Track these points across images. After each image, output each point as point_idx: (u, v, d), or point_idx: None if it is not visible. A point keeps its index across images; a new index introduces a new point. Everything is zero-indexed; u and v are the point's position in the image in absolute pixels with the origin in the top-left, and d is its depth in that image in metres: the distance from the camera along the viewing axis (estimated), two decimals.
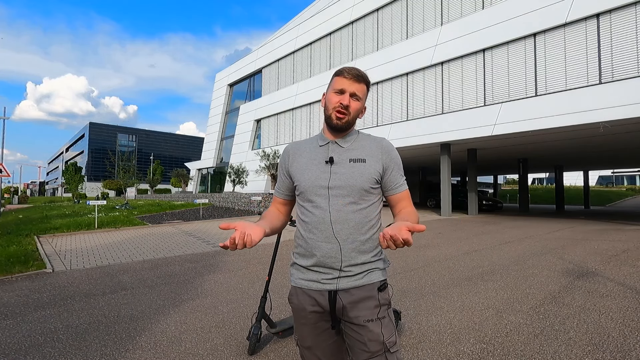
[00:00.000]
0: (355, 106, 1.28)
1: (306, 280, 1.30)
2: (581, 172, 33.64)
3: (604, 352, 2.69)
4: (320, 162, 1.30)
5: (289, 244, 7.89)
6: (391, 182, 1.31)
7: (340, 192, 1.25)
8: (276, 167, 21.43)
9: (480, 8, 14.92)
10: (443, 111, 16.01)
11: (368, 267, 1.26)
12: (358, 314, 1.23)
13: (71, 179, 49.21)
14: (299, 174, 1.33)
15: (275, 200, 1.48)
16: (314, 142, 1.37)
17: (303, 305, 1.30)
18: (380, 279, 1.28)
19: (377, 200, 1.31)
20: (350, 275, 1.25)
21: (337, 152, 1.30)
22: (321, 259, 1.25)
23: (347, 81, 1.27)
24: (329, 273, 1.25)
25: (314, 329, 1.30)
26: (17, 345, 2.93)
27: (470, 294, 4.23)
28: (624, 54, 11.28)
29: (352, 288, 1.25)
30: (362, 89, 1.29)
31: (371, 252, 1.27)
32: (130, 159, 27.36)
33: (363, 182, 1.26)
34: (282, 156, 1.43)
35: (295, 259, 1.38)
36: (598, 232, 10.20)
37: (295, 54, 25.41)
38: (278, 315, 3.46)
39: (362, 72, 1.30)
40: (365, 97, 1.33)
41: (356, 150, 1.31)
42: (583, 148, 16.66)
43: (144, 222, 12.63)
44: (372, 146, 1.32)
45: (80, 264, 6.17)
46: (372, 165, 1.28)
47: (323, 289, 1.26)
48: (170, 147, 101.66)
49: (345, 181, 1.25)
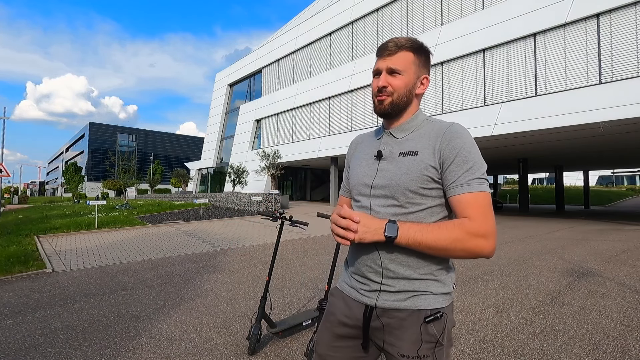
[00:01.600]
0: (397, 83, 1.05)
1: (348, 286, 1.14)
2: (581, 172, 33.65)
3: (604, 352, 2.69)
4: (370, 157, 1.13)
5: (289, 244, 7.90)
6: (448, 179, 0.99)
7: (382, 192, 1.05)
8: (276, 167, 21.50)
9: (480, 8, 14.92)
10: (443, 111, 16.01)
11: (415, 286, 1.02)
12: (394, 343, 1.03)
13: (71, 179, 49.18)
14: (352, 169, 1.20)
15: (340, 200, 1.30)
16: (376, 133, 1.19)
17: (334, 310, 1.15)
18: (430, 307, 1.01)
19: (435, 205, 1.03)
20: (390, 292, 1.03)
21: (389, 145, 1.09)
22: (359, 267, 1.09)
23: (381, 59, 1.07)
24: (366, 284, 1.07)
25: (334, 339, 1.13)
26: (17, 345, 2.93)
27: (470, 294, 4.23)
28: (624, 54, 11.28)
29: (392, 309, 1.03)
30: (404, 58, 1.05)
31: (420, 269, 1.02)
32: (130, 159, 27.35)
33: (408, 180, 1.01)
34: (348, 149, 1.29)
35: (346, 259, 1.21)
36: (598, 232, 10.20)
37: (295, 54, 25.41)
38: (278, 315, 3.46)
39: (403, 39, 1.07)
40: (417, 66, 1.07)
41: (412, 141, 1.06)
42: (583, 148, 16.66)
43: (144, 222, 12.62)
44: (433, 134, 1.04)
45: (80, 264, 6.17)
46: (424, 159, 1.01)
47: (361, 301, 1.08)
48: (170, 147, 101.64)
49: (388, 180, 1.04)
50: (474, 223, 0.94)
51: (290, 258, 6.46)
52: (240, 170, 24.69)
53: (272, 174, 21.63)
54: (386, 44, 1.08)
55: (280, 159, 21.77)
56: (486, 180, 1.00)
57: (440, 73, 16.27)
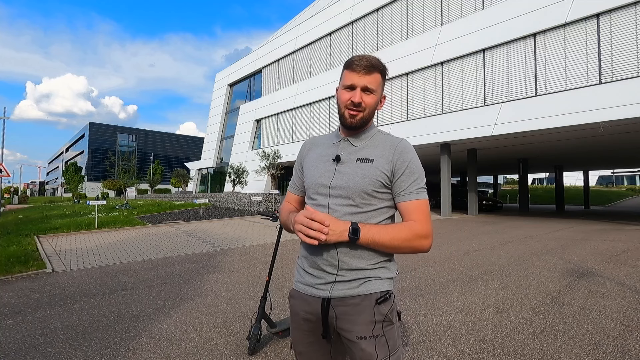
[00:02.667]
0: (369, 101, 1.16)
1: (303, 284, 1.22)
2: (581, 172, 33.62)
3: (604, 352, 2.69)
4: (328, 160, 1.22)
5: (289, 244, 7.89)
6: (398, 187, 1.15)
7: (340, 192, 1.15)
8: (276, 167, 21.50)
9: (480, 8, 14.92)
10: (443, 111, 16.01)
11: (365, 274, 1.14)
12: (351, 329, 1.13)
13: (71, 179, 49.21)
14: (308, 169, 1.27)
15: (289, 197, 1.38)
16: (331, 138, 1.29)
17: (297, 310, 1.23)
18: (379, 289, 1.14)
19: (384, 207, 1.17)
20: (344, 281, 1.14)
21: (347, 151, 1.21)
22: (315, 260, 1.17)
23: (357, 75, 1.15)
24: (322, 277, 1.16)
25: (307, 336, 1.22)
26: (17, 345, 2.93)
27: (470, 294, 4.23)
28: (624, 54, 11.27)
29: (346, 297, 1.13)
30: (375, 79, 1.16)
31: (369, 260, 1.14)
32: (130, 159, 27.40)
33: (365, 184, 1.14)
34: (300, 150, 1.37)
35: (298, 259, 1.30)
36: (598, 232, 10.20)
37: (295, 54, 25.41)
38: (278, 315, 3.46)
39: (374, 60, 1.16)
40: (382, 87, 1.20)
41: (367, 149, 1.19)
42: (583, 148, 16.66)
43: (144, 222, 12.62)
44: (386, 146, 1.19)
45: (80, 264, 6.17)
46: (379, 166, 1.15)
47: (317, 295, 1.17)
48: (170, 147, 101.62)
49: (346, 182, 1.15)
50: (419, 226, 1.12)
51: (291, 258, 6.46)
52: (240, 170, 24.69)
53: (272, 174, 21.63)
54: (361, 61, 1.15)
55: (280, 159, 21.76)
56: (426, 189, 1.19)
57: (440, 73, 16.26)
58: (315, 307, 1.17)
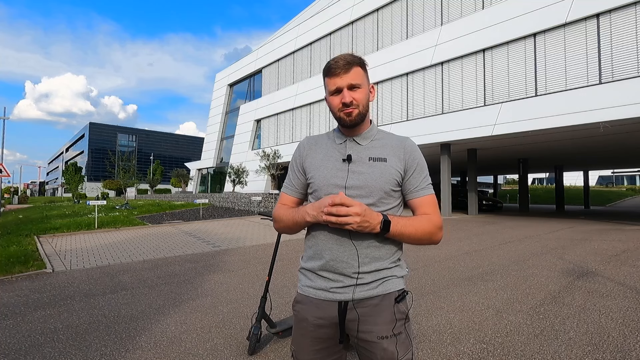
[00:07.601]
0: (358, 96, 1.15)
1: (314, 289, 1.18)
2: (581, 172, 33.61)
3: (604, 352, 2.69)
4: (337, 160, 1.20)
5: (289, 244, 7.89)
6: (411, 184, 1.20)
7: (359, 192, 1.14)
8: (276, 167, 21.49)
9: (480, 8, 14.92)
10: (443, 111, 16.01)
11: (384, 274, 1.16)
12: (371, 329, 1.13)
13: (71, 179, 49.13)
14: (314, 169, 1.22)
15: (284, 199, 1.31)
16: (331, 138, 1.26)
17: (306, 316, 1.19)
18: (397, 288, 1.17)
19: (397, 205, 1.21)
20: (364, 284, 1.14)
21: (355, 150, 1.20)
22: (330, 263, 1.14)
23: (338, 77, 1.14)
24: (339, 281, 1.14)
25: (315, 343, 1.18)
26: (17, 345, 2.93)
27: (470, 294, 4.23)
28: (623, 54, 11.27)
29: (366, 299, 1.14)
30: (357, 73, 1.16)
31: (388, 259, 1.16)
32: (130, 159, 27.36)
33: (383, 183, 1.15)
34: (296, 150, 1.31)
35: (303, 262, 1.25)
36: (598, 232, 10.19)
37: (295, 54, 25.40)
38: (278, 315, 3.46)
39: (348, 57, 1.16)
40: (367, 78, 1.20)
41: (376, 148, 1.20)
42: (583, 148, 16.66)
43: (144, 222, 12.62)
44: (394, 144, 1.21)
45: (80, 264, 6.17)
46: (394, 165, 1.18)
47: (333, 299, 1.14)
48: (170, 147, 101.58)
49: (364, 181, 1.15)
50: (436, 217, 1.18)
51: (290, 258, 6.46)
52: (240, 170, 24.69)
53: (272, 174, 21.63)
54: (337, 62, 1.15)
55: (280, 159, 21.76)
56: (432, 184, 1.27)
57: (440, 73, 16.26)
58: (329, 311, 1.15)
